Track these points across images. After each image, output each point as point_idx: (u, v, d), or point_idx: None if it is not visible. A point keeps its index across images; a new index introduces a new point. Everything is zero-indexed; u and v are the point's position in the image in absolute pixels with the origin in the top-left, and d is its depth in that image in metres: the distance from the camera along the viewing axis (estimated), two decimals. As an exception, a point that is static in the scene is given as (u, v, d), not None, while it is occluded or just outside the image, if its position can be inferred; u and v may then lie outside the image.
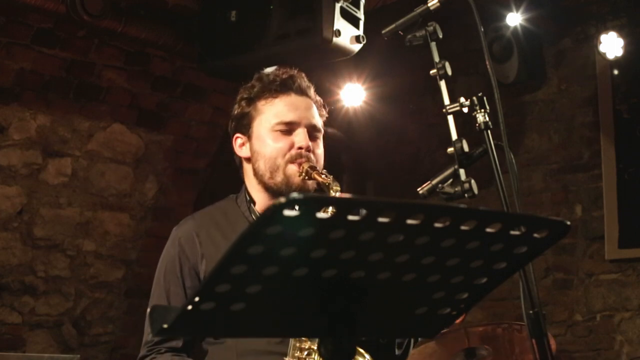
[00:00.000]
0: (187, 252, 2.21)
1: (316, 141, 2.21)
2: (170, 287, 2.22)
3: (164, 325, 1.15)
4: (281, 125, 2.16)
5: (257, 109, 2.21)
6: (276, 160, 2.16)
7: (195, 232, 2.22)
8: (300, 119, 2.17)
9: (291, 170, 2.15)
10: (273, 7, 3.72)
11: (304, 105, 2.21)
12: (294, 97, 2.20)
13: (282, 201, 0.98)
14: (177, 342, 2.21)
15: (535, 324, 1.73)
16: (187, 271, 2.21)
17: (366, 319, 1.24)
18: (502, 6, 4.70)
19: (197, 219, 2.29)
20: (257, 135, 2.20)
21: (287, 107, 2.18)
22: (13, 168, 4.45)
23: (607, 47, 4.71)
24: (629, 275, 4.77)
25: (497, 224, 1.13)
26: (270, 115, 2.18)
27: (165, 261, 2.26)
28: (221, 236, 2.22)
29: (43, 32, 4.16)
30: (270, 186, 2.18)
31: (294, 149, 2.15)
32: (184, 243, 2.22)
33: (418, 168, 5.54)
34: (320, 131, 2.23)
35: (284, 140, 2.16)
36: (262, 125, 2.19)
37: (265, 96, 2.20)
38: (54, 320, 4.84)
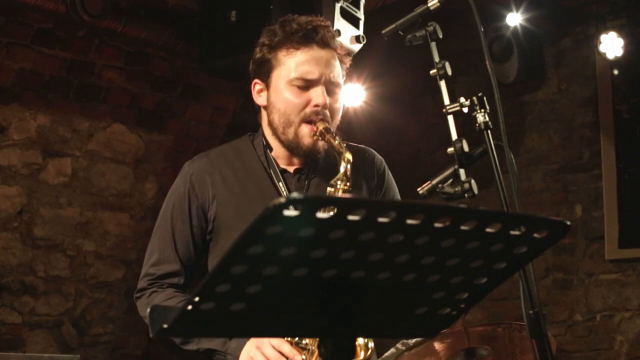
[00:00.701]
0: (197, 191, 2.20)
1: (334, 96, 2.18)
2: (176, 223, 2.22)
3: (164, 325, 1.15)
4: (300, 81, 2.14)
5: (277, 59, 2.17)
6: (290, 117, 2.15)
7: (208, 172, 2.22)
8: (320, 75, 2.14)
9: (304, 132, 2.14)
10: (273, 7, 3.72)
11: (325, 59, 2.16)
12: (316, 50, 2.16)
13: (282, 201, 0.98)
14: (179, 279, 2.21)
15: (535, 324, 1.73)
16: (195, 210, 2.20)
17: (366, 319, 1.24)
18: (502, 6, 4.70)
19: (211, 157, 2.28)
20: (275, 86, 2.18)
21: (307, 61, 2.14)
22: (13, 168, 4.46)
23: (607, 47, 4.71)
24: (629, 275, 4.77)
25: (497, 224, 1.13)
26: (290, 69, 2.14)
27: (174, 196, 2.25)
28: (234, 178, 2.21)
29: (43, 32, 4.16)
30: (282, 140, 2.18)
31: (309, 107, 2.13)
32: (194, 181, 2.21)
33: (418, 168, 5.53)
34: (339, 86, 2.21)
35: (300, 96, 2.14)
36: (281, 77, 2.16)
37: (286, 46, 2.16)
38: (54, 320, 4.85)
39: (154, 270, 2.23)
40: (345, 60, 2.25)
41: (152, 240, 2.28)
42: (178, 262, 2.21)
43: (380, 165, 2.39)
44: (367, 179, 2.32)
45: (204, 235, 2.23)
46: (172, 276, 2.21)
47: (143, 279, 2.24)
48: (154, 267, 2.23)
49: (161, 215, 2.28)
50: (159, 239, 2.26)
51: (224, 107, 5.02)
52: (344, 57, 2.25)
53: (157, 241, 2.26)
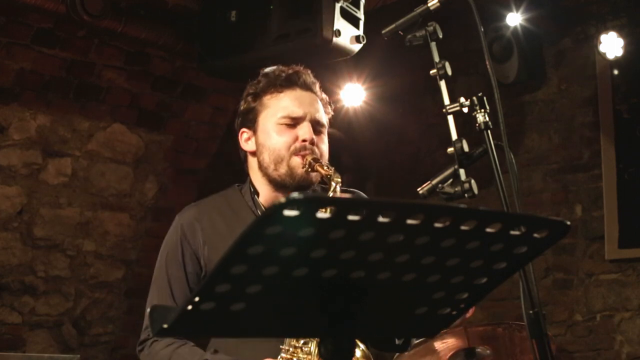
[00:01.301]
0: (189, 238, 2.25)
1: (320, 136, 2.24)
2: (172, 271, 2.26)
3: (164, 325, 1.15)
4: (286, 119, 2.20)
5: (262, 104, 2.25)
6: (280, 152, 2.19)
7: (198, 219, 2.27)
8: (305, 113, 2.21)
9: (295, 162, 2.18)
10: (273, 7, 3.72)
11: (308, 100, 2.24)
12: (299, 92, 2.24)
13: (282, 201, 0.98)
14: None
15: (535, 324, 1.73)
16: (189, 256, 2.24)
17: (366, 319, 1.24)
18: (502, 6, 4.70)
19: (200, 206, 2.33)
20: (262, 129, 2.24)
21: (292, 101, 2.22)
22: (13, 168, 4.46)
23: (607, 47, 4.71)
24: (629, 275, 4.77)
25: (497, 224, 1.14)
26: (276, 109, 2.22)
27: (168, 247, 2.30)
28: (224, 223, 2.26)
29: (43, 32, 4.16)
30: (274, 178, 2.22)
31: (298, 142, 2.19)
32: (186, 229, 2.26)
33: (418, 168, 5.53)
34: (324, 126, 2.27)
35: (288, 133, 2.20)
36: (268, 119, 2.22)
37: (270, 91, 2.24)
38: (54, 320, 4.84)
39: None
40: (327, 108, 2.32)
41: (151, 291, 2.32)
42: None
43: None
44: None
45: (199, 280, 2.27)
46: None
47: (144, 331, 2.28)
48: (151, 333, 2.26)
49: (157, 267, 2.32)
50: (157, 289, 2.30)
51: (224, 107, 5.02)
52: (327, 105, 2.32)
53: (154, 292, 2.30)
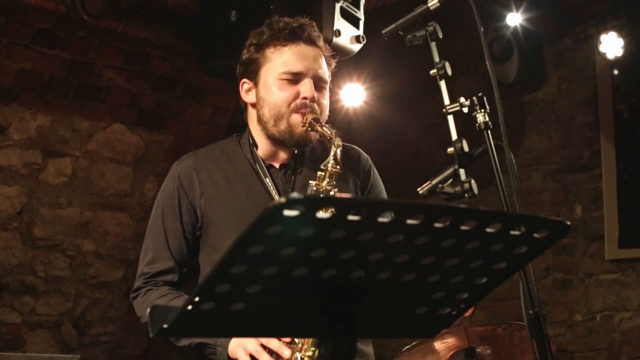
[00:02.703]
0: (186, 188, 2.25)
1: (322, 92, 2.24)
2: (168, 221, 2.26)
3: (164, 325, 1.15)
4: (288, 75, 2.19)
5: (265, 56, 2.23)
6: (281, 109, 2.19)
7: (195, 169, 2.27)
8: (307, 69, 2.20)
9: (295, 120, 2.18)
10: (273, 7, 3.72)
11: (312, 55, 2.22)
12: (302, 46, 2.22)
13: (282, 201, 0.98)
14: (173, 276, 2.25)
15: (535, 324, 1.73)
16: (185, 206, 2.25)
17: (366, 319, 1.24)
18: (502, 6, 4.70)
19: (198, 155, 2.33)
20: (263, 83, 2.23)
21: (295, 56, 2.20)
22: (13, 168, 4.46)
23: (607, 47, 4.71)
24: (629, 275, 4.77)
25: (497, 224, 1.13)
26: (278, 64, 2.20)
27: (164, 195, 2.29)
28: (221, 174, 2.26)
29: (43, 32, 4.16)
30: (273, 133, 2.22)
31: (299, 99, 2.18)
32: (183, 179, 2.26)
33: (418, 168, 5.53)
34: (326, 82, 2.26)
35: (289, 89, 2.19)
36: (270, 73, 2.21)
37: (274, 44, 2.22)
38: (54, 320, 4.84)
39: (148, 269, 2.27)
40: (330, 62, 2.30)
41: (146, 240, 2.33)
42: (171, 259, 2.25)
43: (366, 163, 2.42)
44: (352, 175, 2.34)
45: (194, 231, 2.27)
46: (166, 274, 2.25)
47: (138, 278, 2.29)
48: (148, 266, 2.28)
49: (152, 215, 2.32)
50: (152, 238, 2.30)
51: (224, 107, 5.02)
52: (330, 59, 2.30)
53: (150, 241, 2.31)
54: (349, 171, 2.29)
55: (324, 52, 2.26)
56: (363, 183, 2.37)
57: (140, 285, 2.26)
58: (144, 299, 2.22)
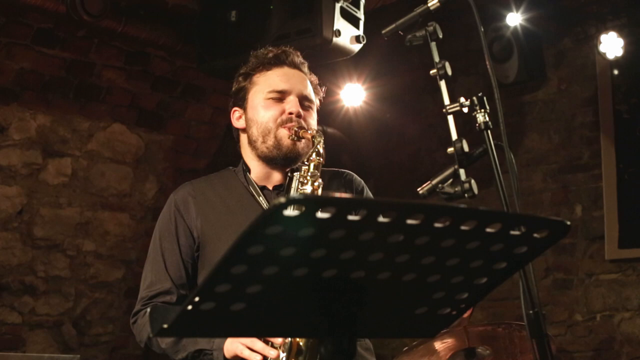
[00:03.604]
0: (183, 212, 2.30)
1: (308, 111, 2.30)
2: (165, 244, 2.30)
3: (164, 325, 1.15)
4: (273, 94, 2.27)
5: (252, 82, 2.33)
6: (267, 124, 2.25)
7: (191, 195, 2.33)
8: (291, 87, 2.27)
9: (282, 134, 2.23)
10: (273, 7, 3.72)
11: (296, 76, 2.31)
12: (286, 69, 2.31)
13: (282, 201, 0.98)
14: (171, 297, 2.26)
15: (535, 324, 1.73)
16: (182, 229, 2.29)
17: (366, 319, 1.24)
18: (502, 6, 4.70)
19: (193, 184, 2.39)
20: (251, 105, 2.31)
21: (279, 77, 2.29)
22: (13, 168, 4.45)
23: (607, 47, 4.71)
24: (629, 275, 4.77)
25: (497, 224, 1.13)
26: (264, 86, 2.29)
27: (162, 222, 2.34)
28: (216, 197, 2.32)
29: (43, 32, 4.16)
30: (263, 151, 2.27)
31: (284, 114, 2.24)
32: (179, 204, 2.32)
33: (418, 168, 5.53)
34: (312, 102, 2.32)
35: (275, 107, 2.26)
36: (256, 95, 2.30)
37: (259, 69, 2.32)
38: (54, 320, 4.84)
39: (146, 292, 2.29)
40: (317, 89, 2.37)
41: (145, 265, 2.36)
42: (169, 280, 2.28)
43: (359, 184, 2.47)
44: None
45: (192, 253, 2.30)
46: (164, 294, 2.27)
47: (138, 303, 2.30)
48: (147, 289, 2.30)
49: (151, 244, 2.36)
50: (150, 263, 2.33)
51: (224, 107, 5.01)
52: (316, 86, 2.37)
53: (148, 265, 2.34)
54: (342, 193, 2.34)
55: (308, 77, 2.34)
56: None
57: (139, 309, 2.29)
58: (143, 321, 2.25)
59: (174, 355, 2.20)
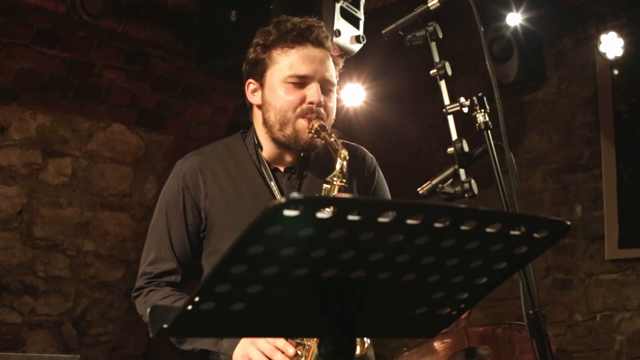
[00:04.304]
0: (191, 188, 2.22)
1: (328, 95, 2.20)
2: (172, 221, 2.23)
3: (163, 325, 1.15)
4: (294, 78, 2.15)
5: (271, 58, 2.19)
6: (287, 113, 2.16)
7: (200, 169, 2.23)
8: (314, 72, 2.16)
9: (301, 125, 2.15)
10: (273, 7, 3.72)
11: (319, 57, 2.18)
12: (310, 49, 2.17)
13: (282, 201, 0.98)
14: (175, 277, 2.22)
15: (535, 324, 1.73)
16: (190, 207, 2.22)
17: (366, 319, 1.24)
18: (502, 6, 4.70)
19: (203, 154, 2.29)
20: (269, 85, 2.19)
21: (302, 59, 2.16)
22: (13, 168, 4.45)
23: (607, 47, 4.71)
24: (629, 275, 4.77)
25: (497, 224, 1.13)
26: (285, 67, 2.16)
27: (168, 194, 2.26)
28: (225, 175, 2.23)
29: (43, 32, 4.16)
30: (279, 137, 2.19)
31: (305, 103, 2.15)
32: (188, 179, 2.23)
33: (418, 168, 5.53)
34: (333, 85, 2.22)
35: (295, 93, 2.15)
36: (276, 75, 2.17)
37: (281, 45, 2.17)
38: (54, 320, 4.84)
39: (151, 269, 2.24)
40: (338, 62, 2.26)
41: (148, 239, 2.30)
42: (175, 260, 2.23)
43: (371, 164, 2.39)
44: (357, 177, 2.32)
45: (198, 232, 2.24)
46: (169, 274, 2.22)
47: (140, 278, 2.26)
48: (150, 265, 2.24)
49: (156, 214, 2.29)
50: (155, 237, 2.27)
51: (224, 107, 5.02)
52: (338, 59, 2.26)
53: (153, 240, 2.27)
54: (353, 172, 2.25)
55: (331, 53, 2.22)
56: (367, 183, 2.35)
57: (142, 285, 2.24)
58: (146, 299, 2.20)
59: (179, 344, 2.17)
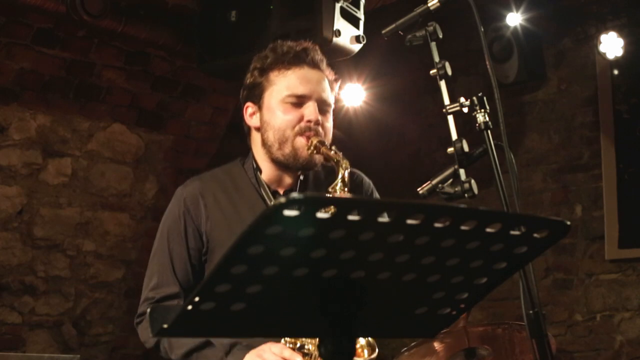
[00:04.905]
0: (192, 213, 2.23)
1: (326, 115, 2.24)
2: (173, 246, 2.23)
3: (164, 325, 1.15)
4: (292, 98, 2.19)
5: (269, 80, 2.23)
6: (285, 132, 2.18)
7: (201, 194, 2.24)
8: (311, 92, 2.20)
9: (300, 143, 2.18)
10: (273, 7, 3.72)
11: (315, 78, 2.22)
12: (306, 69, 2.22)
13: (282, 201, 0.98)
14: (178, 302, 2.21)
15: (535, 324, 1.73)
16: (192, 232, 2.22)
17: (366, 319, 1.24)
18: (502, 6, 4.70)
19: (203, 180, 2.31)
20: (267, 106, 2.22)
21: (299, 79, 2.20)
22: (13, 168, 4.45)
23: (607, 47, 4.71)
24: (629, 275, 4.77)
25: (497, 224, 1.13)
26: (282, 87, 2.20)
27: (170, 219, 2.27)
28: (226, 199, 2.24)
29: (43, 32, 4.16)
30: (278, 157, 2.21)
31: (303, 122, 2.18)
32: (189, 203, 2.24)
33: (418, 168, 5.53)
34: (330, 105, 2.26)
35: (293, 112, 2.19)
36: (273, 96, 2.21)
37: (278, 67, 2.22)
38: (54, 320, 4.84)
39: (153, 294, 2.24)
40: (334, 86, 2.30)
41: (150, 264, 2.29)
42: (177, 284, 2.22)
43: (368, 187, 2.43)
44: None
45: (200, 256, 2.25)
46: (171, 299, 2.21)
47: (143, 303, 2.26)
48: (153, 291, 2.24)
49: (157, 239, 2.29)
50: (157, 262, 2.27)
51: (224, 107, 5.01)
52: (333, 82, 2.30)
53: (155, 265, 2.27)
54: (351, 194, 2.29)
55: (327, 76, 2.27)
56: None
57: (145, 310, 2.23)
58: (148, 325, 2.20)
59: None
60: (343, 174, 2.11)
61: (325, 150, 2.14)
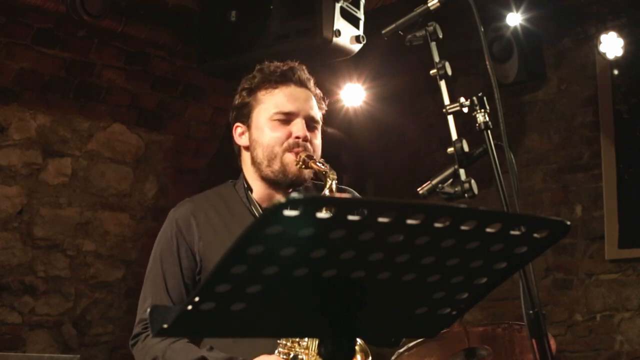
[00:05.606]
0: (184, 233, 2.24)
1: (314, 132, 2.26)
2: (167, 266, 2.24)
3: (163, 325, 1.15)
4: (280, 115, 2.22)
5: (257, 99, 2.26)
6: (274, 149, 2.21)
7: (193, 214, 2.26)
8: (298, 109, 2.22)
9: (288, 159, 2.20)
10: (273, 7, 3.72)
11: (303, 96, 2.25)
12: (293, 88, 2.25)
13: (282, 201, 0.98)
14: None
15: (535, 324, 1.73)
16: (184, 252, 2.23)
17: (366, 318, 1.24)
18: (502, 6, 4.70)
19: (195, 201, 2.32)
20: (256, 125, 2.26)
21: (286, 97, 2.23)
22: (13, 168, 4.45)
23: (607, 47, 4.71)
24: (629, 275, 4.77)
25: (497, 224, 1.13)
26: (270, 105, 2.23)
27: (162, 241, 2.28)
28: (219, 219, 2.26)
29: (43, 32, 4.16)
30: (267, 174, 2.23)
31: (291, 138, 2.20)
32: (181, 224, 2.25)
33: (418, 168, 5.53)
34: (318, 122, 2.28)
35: (282, 129, 2.21)
36: (261, 114, 2.24)
37: (265, 86, 2.25)
38: (54, 320, 4.84)
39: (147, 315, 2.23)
40: (321, 104, 2.32)
41: (144, 286, 2.30)
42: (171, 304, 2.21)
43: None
44: None
45: (194, 276, 2.25)
46: None
47: (137, 325, 2.25)
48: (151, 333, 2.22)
49: (151, 262, 2.30)
50: (151, 284, 2.27)
51: (224, 107, 5.01)
52: (321, 101, 2.32)
53: (148, 286, 2.28)
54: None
55: (314, 94, 2.29)
56: None
57: (139, 331, 2.23)
58: (143, 345, 2.19)
59: None
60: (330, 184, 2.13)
61: (313, 164, 2.16)
